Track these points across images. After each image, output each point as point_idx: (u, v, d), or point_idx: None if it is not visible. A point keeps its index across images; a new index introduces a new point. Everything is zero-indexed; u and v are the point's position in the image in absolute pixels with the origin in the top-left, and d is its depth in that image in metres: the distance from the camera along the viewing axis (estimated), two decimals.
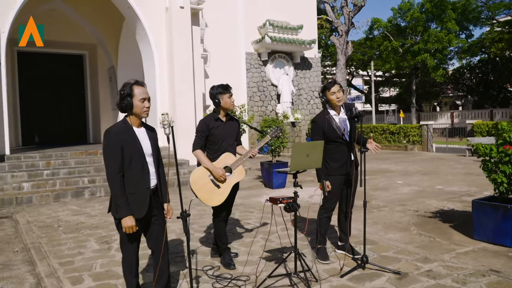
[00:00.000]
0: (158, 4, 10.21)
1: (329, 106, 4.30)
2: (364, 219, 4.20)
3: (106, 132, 3.07)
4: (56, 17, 12.52)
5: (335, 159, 4.23)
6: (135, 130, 3.10)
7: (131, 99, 3.06)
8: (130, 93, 3.06)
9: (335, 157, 4.23)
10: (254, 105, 16.97)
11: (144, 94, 3.08)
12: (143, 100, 3.06)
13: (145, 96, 3.08)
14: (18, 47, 12.88)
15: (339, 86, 4.24)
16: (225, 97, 4.18)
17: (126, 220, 2.98)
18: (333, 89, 4.18)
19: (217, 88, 4.21)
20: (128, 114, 3.11)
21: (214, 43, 14.98)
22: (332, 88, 4.18)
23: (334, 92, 4.18)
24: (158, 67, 10.36)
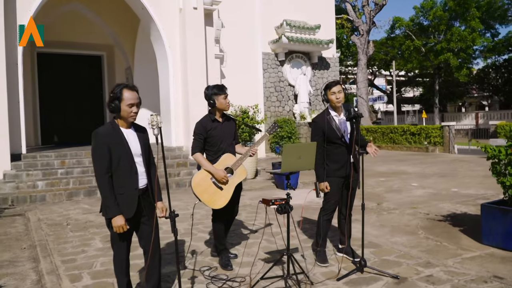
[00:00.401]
0: (172, 5, 10.30)
1: (330, 106, 4.24)
2: (362, 222, 4.13)
3: (93, 134, 3.09)
4: (75, 18, 12.78)
5: (334, 160, 4.17)
6: (123, 131, 3.10)
7: (119, 102, 3.06)
8: (119, 97, 3.06)
9: (334, 159, 4.17)
10: (271, 105, 16.93)
11: (133, 100, 3.06)
12: (130, 106, 3.06)
13: (133, 101, 3.06)
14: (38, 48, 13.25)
15: (341, 86, 4.17)
16: (220, 98, 4.14)
17: (116, 219, 3.01)
18: (334, 89, 4.11)
19: (212, 89, 4.17)
20: (115, 116, 3.13)
21: (230, 44, 14.99)
22: (333, 88, 4.12)
23: (334, 92, 4.11)
24: (172, 68, 10.44)
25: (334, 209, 4.28)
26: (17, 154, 8.79)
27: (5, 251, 5.04)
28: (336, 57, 18.90)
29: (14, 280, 4.08)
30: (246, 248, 4.84)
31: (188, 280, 3.91)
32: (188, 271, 4.14)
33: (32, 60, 13.11)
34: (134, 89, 3.14)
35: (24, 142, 8.89)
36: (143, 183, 3.19)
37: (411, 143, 19.50)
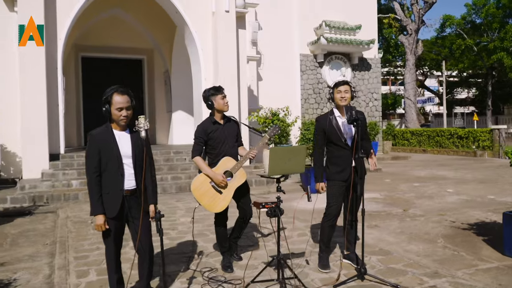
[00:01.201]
0: (205, 8, 10.48)
1: (335, 106, 4.18)
2: (362, 229, 4.00)
3: (88, 135, 3.23)
4: (116, 23, 13.31)
5: (335, 163, 4.10)
6: (116, 134, 3.20)
7: (109, 106, 3.17)
8: (109, 101, 3.17)
9: (335, 161, 4.10)
10: (309, 107, 16.79)
11: (121, 104, 3.14)
12: (119, 109, 3.14)
13: (122, 105, 3.14)
14: (82, 53, 13.93)
15: (349, 87, 4.10)
16: (217, 98, 4.14)
17: (97, 218, 3.14)
18: (340, 88, 4.07)
19: (209, 90, 4.19)
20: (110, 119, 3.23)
21: (268, 45, 15.03)
22: (340, 87, 4.08)
23: (340, 91, 4.07)
24: (204, 70, 10.62)
25: (335, 214, 4.18)
26: (56, 154, 9.28)
27: (29, 246, 5.34)
28: (377, 57, 18.43)
29: (28, 274, 4.31)
30: (254, 251, 4.85)
31: (186, 280, 3.97)
32: (189, 272, 4.20)
33: (76, 64, 13.80)
34: (125, 93, 3.23)
35: (62, 142, 9.37)
36: (131, 184, 3.25)
37: (458, 147, 18.68)
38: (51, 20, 9.19)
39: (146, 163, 3.38)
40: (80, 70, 13.92)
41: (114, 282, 3.33)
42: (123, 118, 3.18)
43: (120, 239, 3.35)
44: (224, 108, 4.18)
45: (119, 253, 3.38)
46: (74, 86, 13.65)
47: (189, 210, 7.15)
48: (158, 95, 14.91)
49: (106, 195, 3.18)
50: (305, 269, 4.22)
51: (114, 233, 3.23)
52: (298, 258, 4.54)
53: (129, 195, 3.24)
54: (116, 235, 3.24)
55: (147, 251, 3.38)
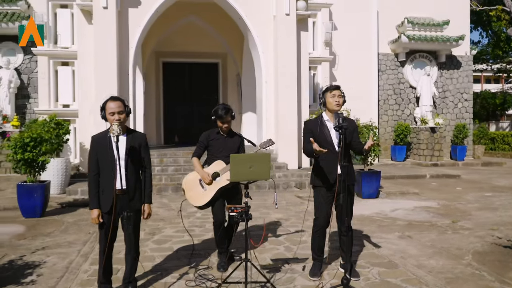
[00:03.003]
0: (266, 13, 10.68)
1: (326, 111, 4.14)
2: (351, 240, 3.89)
3: (91, 139, 3.67)
4: (193, 30, 14.10)
5: (321, 167, 4.04)
6: (113, 138, 3.53)
7: (104, 112, 3.57)
8: (104, 107, 3.60)
9: (321, 165, 4.05)
10: (389, 108, 16.10)
11: (113, 109, 3.53)
12: (112, 114, 3.53)
13: (113, 110, 3.53)
14: (163, 58, 15.01)
15: (341, 92, 4.07)
16: (218, 122, 4.48)
17: (92, 212, 3.57)
18: (334, 92, 4.06)
19: (216, 111, 4.46)
20: None
21: (343, 45, 14.74)
22: (334, 91, 4.06)
23: (334, 95, 4.04)
24: (265, 73, 10.82)
25: (323, 224, 4.10)
26: None
27: (74, 234, 6.02)
28: (469, 55, 16.98)
29: (58, 259, 4.90)
30: (259, 253, 4.94)
31: (179, 275, 4.22)
32: (186, 268, 4.45)
33: (157, 69, 14.92)
34: (118, 100, 3.63)
35: None
36: (122, 184, 3.59)
37: None
38: (124, 30, 10.13)
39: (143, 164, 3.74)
40: (161, 75, 15.02)
41: (102, 270, 3.69)
42: (116, 122, 3.51)
43: (113, 233, 3.70)
44: (223, 129, 4.49)
45: (111, 246, 3.73)
46: (155, 89, 14.78)
47: None
48: (231, 97, 15.48)
49: (101, 192, 3.58)
50: (295, 275, 4.22)
51: (107, 227, 3.58)
52: (298, 263, 4.54)
53: (121, 194, 3.57)
54: (108, 228, 3.57)
55: (132, 243, 3.71)
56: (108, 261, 3.70)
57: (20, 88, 12.95)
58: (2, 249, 5.29)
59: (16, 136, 6.96)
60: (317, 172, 4.10)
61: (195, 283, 3.99)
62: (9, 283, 4.13)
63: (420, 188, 10.08)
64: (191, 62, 15.19)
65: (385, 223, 6.59)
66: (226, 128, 4.49)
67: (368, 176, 8.55)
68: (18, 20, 12.26)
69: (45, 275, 4.36)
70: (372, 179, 8.58)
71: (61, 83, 12.35)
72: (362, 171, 8.63)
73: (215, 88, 15.76)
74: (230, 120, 4.48)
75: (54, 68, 12.42)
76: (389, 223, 6.63)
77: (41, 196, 7.01)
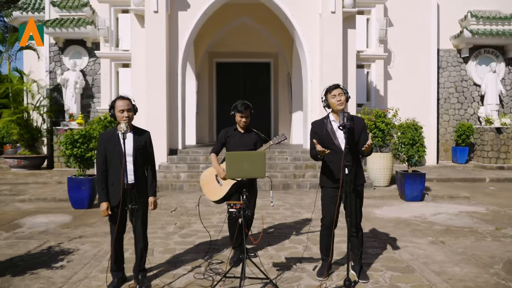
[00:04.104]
0: (312, 12, 10.60)
1: (332, 112, 4.11)
2: (348, 241, 3.83)
3: (99, 136, 3.95)
4: (246, 30, 14.33)
5: (328, 169, 4.01)
6: (121, 135, 3.77)
7: (114, 110, 3.83)
8: (113, 106, 3.86)
9: (328, 167, 4.01)
10: (450, 107, 15.29)
11: (122, 107, 3.78)
12: (121, 111, 3.78)
13: (122, 108, 3.78)
14: (217, 59, 15.40)
15: (342, 90, 4.03)
16: (237, 115, 4.59)
17: (101, 205, 3.81)
18: (334, 92, 4.04)
19: (235, 106, 4.60)
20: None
21: (399, 42, 14.27)
22: (333, 91, 4.04)
23: (335, 95, 4.03)
24: (310, 73, 10.76)
25: (328, 224, 4.06)
26: (175, 149, 10.64)
27: None
28: None
29: (90, 247, 5.28)
30: (276, 251, 4.99)
31: (191, 267, 4.40)
32: (200, 261, 4.61)
33: (211, 69, 15.35)
34: (125, 98, 3.88)
35: (180, 139, 10.68)
36: (131, 179, 3.83)
37: None
38: (174, 33, 10.56)
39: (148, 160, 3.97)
40: (214, 75, 15.43)
41: (113, 259, 3.96)
42: (125, 119, 3.77)
43: (123, 225, 3.96)
44: (240, 124, 4.62)
45: (121, 237, 4.00)
46: (207, 89, 15.22)
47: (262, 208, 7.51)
48: (282, 97, 15.53)
49: (111, 186, 3.84)
50: (303, 274, 4.22)
51: (117, 219, 3.82)
52: (311, 263, 4.53)
53: (129, 188, 3.81)
54: (116, 219, 3.81)
55: (140, 234, 3.94)
56: (118, 251, 3.95)
57: (85, 88, 13.94)
58: (46, 236, 5.79)
59: (68, 133, 7.54)
60: (324, 172, 4.09)
61: (204, 276, 4.13)
62: (42, 266, 4.53)
63: (474, 192, 9.52)
64: (244, 62, 15.45)
65: (421, 227, 6.33)
66: (244, 123, 4.58)
67: (412, 178, 8.22)
68: (83, 25, 13.21)
69: (74, 261, 4.73)
70: (416, 181, 8.24)
71: (121, 84, 13.16)
72: (406, 173, 8.33)
73: (267, 87, 15.90)
74: (249, 115, 4.60)
75: (116, 70, 13.27)
76: (425, 227, 6.36)
77: (88, 189, 7.54)
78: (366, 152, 3.86)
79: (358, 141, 3.99)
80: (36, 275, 4.28)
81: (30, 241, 5.52)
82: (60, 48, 14.04)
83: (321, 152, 3.77)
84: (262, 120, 15.68)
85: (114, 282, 3.93)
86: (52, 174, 11.83)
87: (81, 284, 4.01)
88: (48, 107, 13.64)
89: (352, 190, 3.99)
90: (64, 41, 13.96)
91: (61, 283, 4.06)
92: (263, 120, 15.59)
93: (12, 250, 5.14)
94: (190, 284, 3.96)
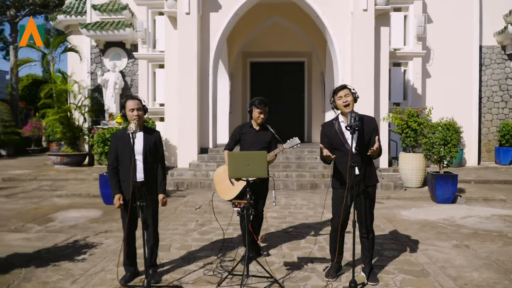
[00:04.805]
0: (343, 10, 10.46)
1: (341, 113, 4.07)
2: (353, 242, 3.79)
3: (112, 136, 4.13)
4: (279, 30, 14.35)
5: (337, 170, 3.98)
6: (130, 134, 3.92)
7: (125, 110, 3.99)
8: (124, 105, 4.02)
9: (338, 168, 3.98)
10: (493, 106, 14.63)
11: (132, 106, 3.95)
12: (131, 110, 3.95)
13: (132, 107, 3.94)
14: (251, 58, 15.50)
15: (349, 90, 3.99)
16: (255, 110, 4.58)
17: (115, 197, 3.98)
18: (340, 93, 3.99)
19: (253, 101, 4.62)
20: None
21: (438, 39, 13.79)
22: (339, 93, 4.00)
23: (341, 97, 3.98)
24: (341, 72, 10.63)
25: (337, 225, 4.02)
26: (205, 148, 10.83)
27: None
28: None
29: (113, 241, 5.50)
30: (289, 250, 5.00)
31: (203, 264, 4.50)
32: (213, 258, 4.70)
33: (244, 69, 15.46)
34: (136, 99, 4.05)
35: (211, 138, 10.86)
36: (140, 176, 3.98)
37: None
38: (205, 34, 10.74)
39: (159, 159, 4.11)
40: (248, 74, 15.53)
41: (125, 253, 4.12)
42: (135, 117, 3.93)
43: (134, 222, 4.12)
44: (257, 121, 4.62)
45: (133, 233, 4.15)
46: (241, 88, 15.34)
47: (284, 207, 7.51)
48: (315, 96, 15.41)
49: (122, 182, 4.00)
50: (312, 274, 4.22)
51: (128, 214, 3.95)
52: (323, 263, 4.51)
53: (139, 186, 3.96)
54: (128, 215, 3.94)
55: (151, 230, 4.08)
56: (130, 246, 4.10)
57: (124, 89, 14.41)
58: (75, 230, 6.09)
59: (100, 131, 7.86)
60: (334, 173, 4.07)
61: (213, 273, 4.21)
62: (65, 259, 4.78)
63: (496, 192, 9.13)
64: (277, 61, 15.47)
65: (447, 230, 6.14)
66: (262, 119, 4.59)
67: (443, 179, 7.96)
68: (122, 27, 13.67)
69: (96, 255, 4.95)
70: (447, 183, 7.97)
71: (158, 84, 13.51)
72: (437, 174, 8.07)
73: (300, 86, 15.84)
74: (266, 111, 4.60)
75: (153, 70, 13.62)
76: (451, 230, 6.16)
77: None
78: (373, 155, 3.81)
79: (368, 142, 3.94)
80: (58, 267, 4.52)
81: (59, 235, 5.82)
82: (101, 50, 14.59)
83: (328, 157, 3.77)
84: (295, 119, 15.66)
85: (126, 276, 4.09)
86: (91, 171, 12.33)
87: (96, 276, 4.20)
88: (89, 106, 14.22)
89: (362, 191, 3.95)
90: (105, 43, 14.50)
91: (79, 275, 4.27)
92: (297, 120, 15.54)
93: (41, 243, 5.44)
94: (198, 280, 4.06)
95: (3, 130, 19.12)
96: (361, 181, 3.91)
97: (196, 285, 3.95)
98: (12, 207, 7.71)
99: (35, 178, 11.27)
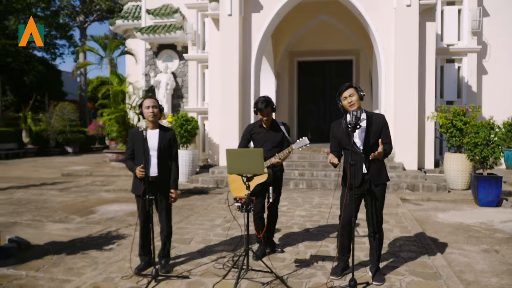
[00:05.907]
0: (387, 6, 10.21)
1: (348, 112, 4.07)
2: (353, 242, 3.77)
3: (129, 133, 4.43)
4: (325, 29, 14.26)
5: (346, 168, 3.98)
6: (148, 132, 4.20)
7: (141, 108, 4.28)
8: (141, 104, 4.31)
9: (346, 167, 3.99)
10: None
11: (148, 103, 4.25)
12: (147, 108, 4.25)
13: (148, 104, 4.25)
14: (298, 57, 15.50)
15: (354, 90, 3.98)
16: (259, 114, 4.65)
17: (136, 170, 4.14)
18: (345, 94, 4.01)
19: (256, 104, 4.65)
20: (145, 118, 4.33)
21: (496, 34, 13.01)
22: (344, 93, 4.02)
23: (346, 97, 4.00)
24: (384, 69, 10.37)
25: (344, 224, 4.01)
26: None
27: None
28: None
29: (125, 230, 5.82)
30: (308, 248, 5.04)
31: (216, 257, 4.68)
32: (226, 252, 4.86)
33: (291, 68, 15.48)
34: (152, 98, 4.35)
35: None
36: (154, 171, 4.24)
37: None
38: (247, 34, 10.94)
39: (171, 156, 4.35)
40: (295, 74, 15.54)
41: (140, 244, 4.40)
42: (150, 114, 4.22)
43: (149, 215, 4.36)
44: (263, 121, 4.66)
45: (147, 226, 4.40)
46: (288, 88, 15.39)
47: (315, 206, 7.52)
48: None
49: (135, 177, 4.28)
50: (319, 272, 4.24)
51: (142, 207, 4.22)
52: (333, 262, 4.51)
53: (153, 180, 4.22)
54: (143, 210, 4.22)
55: (164, 223, 4.33)
56: (144, 237, 4.37)
57: (175, 89, 15.03)
58: (111, 222, 6.51)
59: None
60: (343, 172, 4.08)
61: (222, 266, 4.37)
62: (94, 248, 5.17)
63: None
64: (325, 60, 15.37)
65: (479, 234, 5.87)
66: (266, 121, 4.64)
67: (486, 181, 7.56)
68: (173, 30, 14.26)
69: (123, 245, 5.30)
70: (490, 185, 7.56)
71: (207, 84, 13.92)
72: (480, 176, 7.68)
73: None
74: (270, 113, 4.63)
75: (202, 71, 14.06)
76: (484, 234, 5.88)
77: None
78: (379, 157, 3.79)
79: (377, 140, 3.90)
80: (86, 255, 4.90)
81: (96, 226, 6.27)
82: (154, 53, 15.31)
83: (332, 163, 3.84)
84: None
85: (141, 265, 4.37)
86: None
87: (116, 264, 4.52)
88: None
89: (368, 190, 3.94)
90: (158, 46, 15.20)
91: (102, 263, 4.61)
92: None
93: (78, 233, 5.89)
94: (206, 272, 4.23)
95: (69, 129, 20.60)
96: (369, 179, 3.90)
97: (203, 276, 4.13)
98: (62, 200, 8.37)
99: (91, 174, 12.09)
